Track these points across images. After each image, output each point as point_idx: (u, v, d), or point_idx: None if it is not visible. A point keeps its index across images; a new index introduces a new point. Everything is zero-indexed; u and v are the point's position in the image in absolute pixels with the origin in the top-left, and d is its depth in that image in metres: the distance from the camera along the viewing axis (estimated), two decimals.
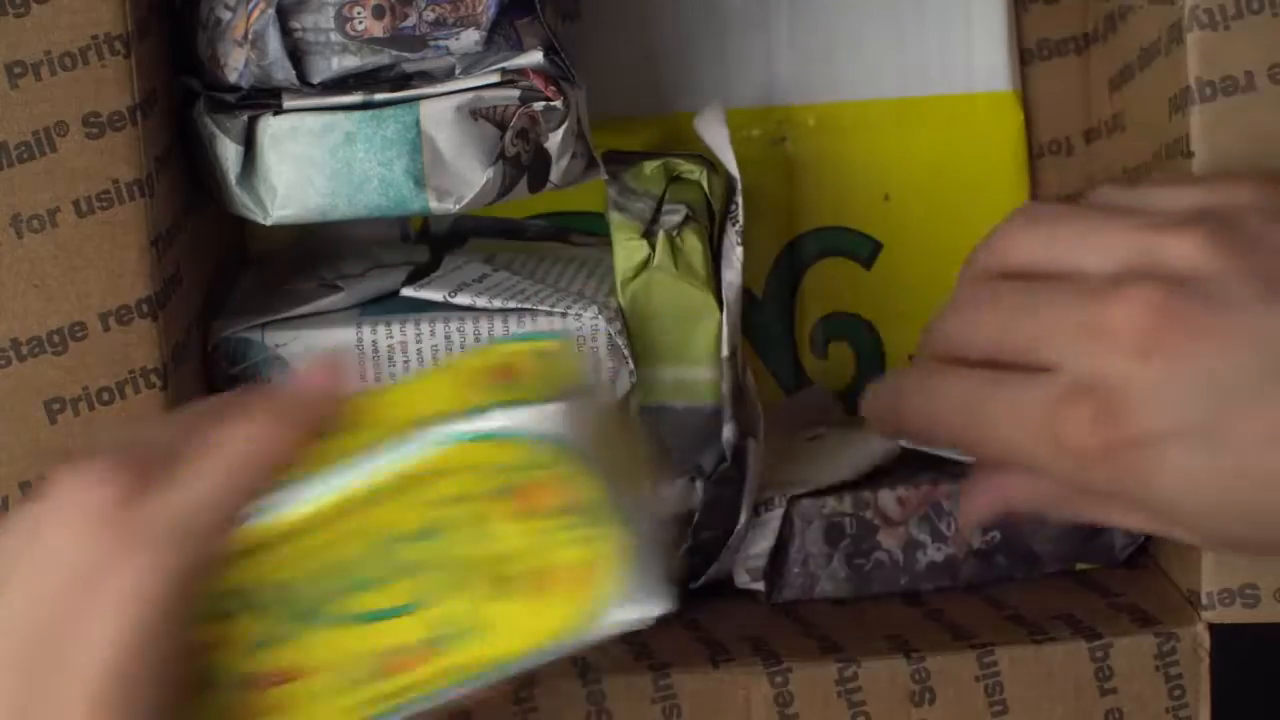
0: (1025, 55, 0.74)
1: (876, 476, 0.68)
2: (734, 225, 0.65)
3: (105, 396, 0.60)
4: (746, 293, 0.66)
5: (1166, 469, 0.50)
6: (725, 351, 0.64)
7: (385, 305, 0.65)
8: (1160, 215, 0.52)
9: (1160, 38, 0.62)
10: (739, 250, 0.65)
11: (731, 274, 0.65)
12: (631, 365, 0.64)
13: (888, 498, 0.67)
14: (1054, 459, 0.51)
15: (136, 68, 0.59)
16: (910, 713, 0.62)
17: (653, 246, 0.64)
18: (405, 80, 0.62)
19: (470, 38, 0.62)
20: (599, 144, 0.66)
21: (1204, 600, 0.62)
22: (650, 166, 0.67)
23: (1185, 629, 0.62)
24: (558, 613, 0.47)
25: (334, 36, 0.61)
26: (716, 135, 0.67)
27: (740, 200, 0.66)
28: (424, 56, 0.62)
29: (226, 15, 0.62)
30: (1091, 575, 0.67)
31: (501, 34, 0.62)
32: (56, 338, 0.59)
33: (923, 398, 0.55)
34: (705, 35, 0.73)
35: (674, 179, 0.67)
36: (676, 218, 0.65)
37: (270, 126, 0.62)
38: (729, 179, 0.67)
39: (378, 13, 0.61)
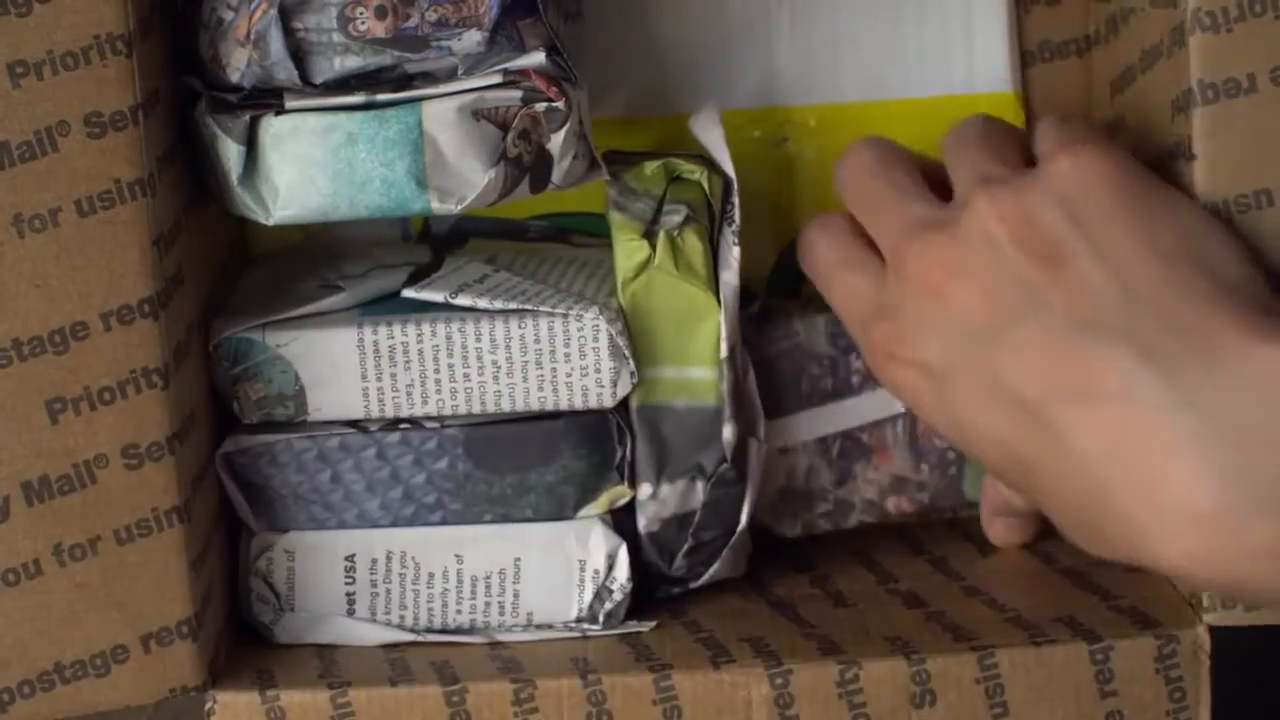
0: (1026, 57, 0.74)
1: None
2: (730, 226, 0.66)
3: (107, 396, 0.60)
4: (748, 294, 0.66)
5: (913, 391, 0.61)
6: (724, 351, 0.64)
7: (386, 306, 0.65)
8: (1000, 168, 0.61)
9: (1162, 40, 0.62)
10: (736, 251, 0.65)
11: (729, 274, 0.65)
12: (632, 366, 0.64)
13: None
14: (862, 346, 0.64)
15: (138, 67, 0.59)
16: (911, 714, 0.62)
17: (653, 246, 0.64)
18: (408, 81, 0.62)
19: (473, 38, 0.62)
20: (600, 145, 0.66)
21: (1204, 602, 0.62)
22: (651, 166, 0.67)
23: (1186, 631, 0.62)
24: None
25: (336, 37, 0.61)
26: (712, 136, 0.67)
27: (736, 201, 0.66)
28: (426, 57, 0.62)
29: (229, 15, 0.62)
30: (1091, 577, 0.67)
31: (504, 34, 0.62)
32: (58, 337, 0.59)
33: (807, 242, 0.67)
34: (706, 36, 0.73)
35: (675, 179, 0.67)
36: (677, 217, 0.65)
37: (272, 127, 0.62)
38: (725, 179, 0.67)
39: (380, 13, 0.61)
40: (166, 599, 0.61)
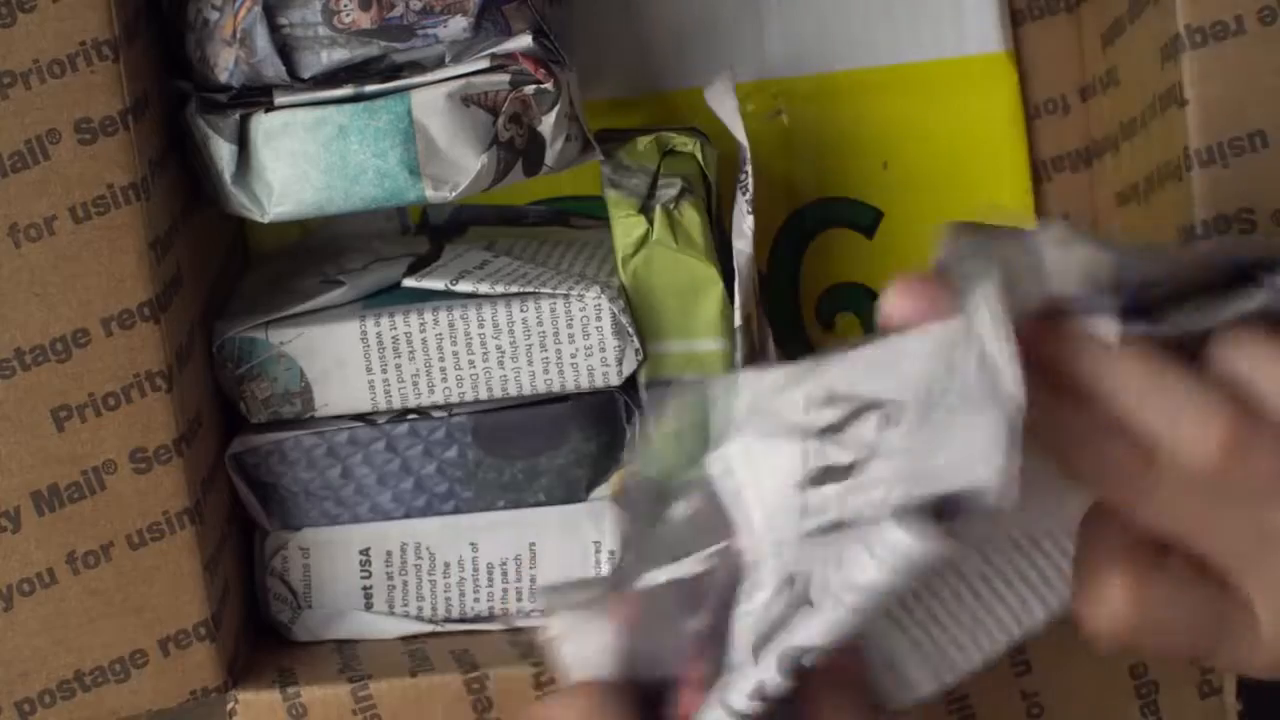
0: (1016, 15, 0.73)
1: None
2: (744, 194, 0.65)
3: (111, 402, 0.60)
4: None
5: None
6: (738, 320, 0.64)
7: (387, 297, 0.65)
8: None
9: None
10: (749, 219, 0.65)
11: (742, 243, 0.64)
12: (637, 343, 0.64)
13: None
14: None
15: (126, 72, 0.59)
16: None
17: (650, 221, 0.64)
18: (396, 71, 0.62)
19: (458, 25, 0.61)
20: (594, 126, 0.66)
21: None
22: (643, 142, 0.67)
23: None
24: None
25: (322, 30, 0.61)
26: (725, 106, 0.67)
27: (750, 170, 0.65)
28: (413, 46, 0.62)
29: (214, 15, 0.62)
30: None
31: (489, 19, 0.62)
32: (60, 345, 0.59)
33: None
34: (696, 11, 0.73)
35: (668, 152, 0.67)
36: (673, 190, 0.65)
37: (263, 124, 0.62)
38: (739, 148, 0.67)
39: (364, 4, 0.61)
40: (182, 601, 0.61)
